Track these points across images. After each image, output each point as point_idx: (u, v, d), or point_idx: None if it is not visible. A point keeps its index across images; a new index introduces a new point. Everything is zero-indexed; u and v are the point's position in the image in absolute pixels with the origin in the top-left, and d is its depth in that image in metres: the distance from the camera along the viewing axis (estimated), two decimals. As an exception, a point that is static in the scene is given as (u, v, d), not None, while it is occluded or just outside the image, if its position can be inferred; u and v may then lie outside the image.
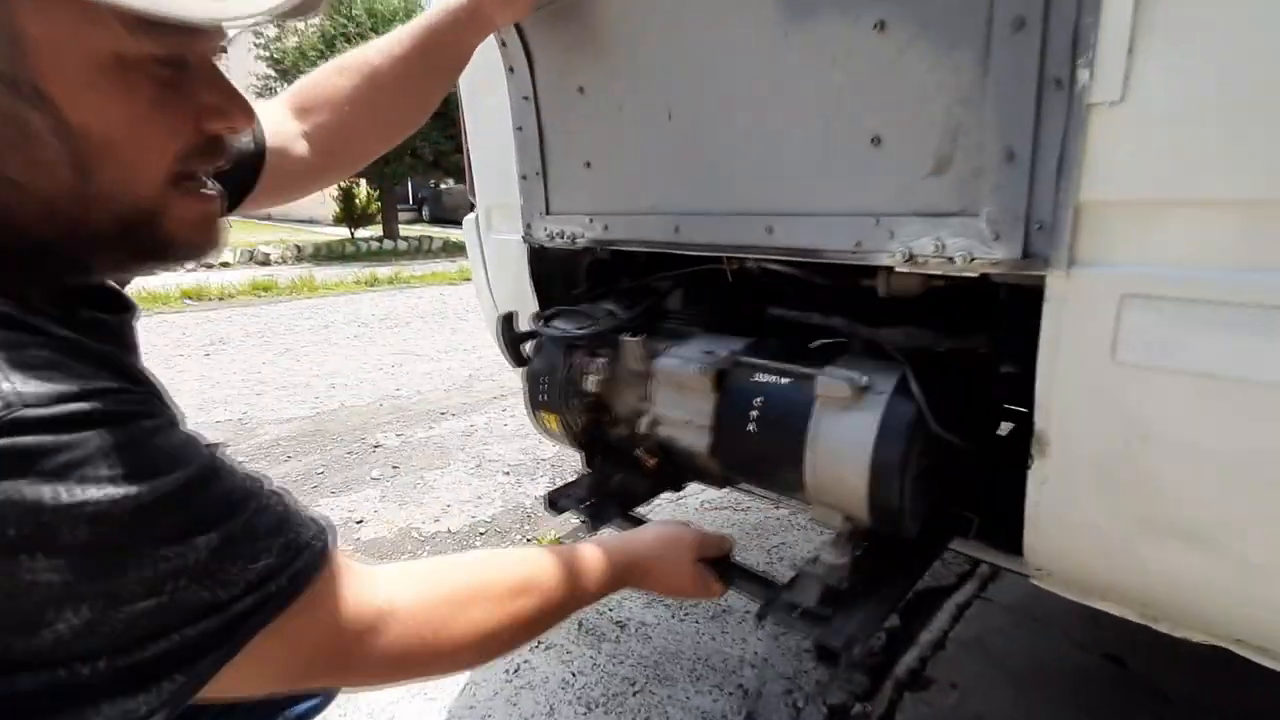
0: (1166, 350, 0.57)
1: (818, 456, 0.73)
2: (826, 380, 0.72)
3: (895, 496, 0.70)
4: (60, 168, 0.44)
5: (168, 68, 0.47)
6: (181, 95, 0.48)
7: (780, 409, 0.77)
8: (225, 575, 0.46)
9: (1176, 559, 0.62)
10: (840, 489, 0.73)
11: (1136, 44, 0.53)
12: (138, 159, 0.47)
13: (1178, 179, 0.54)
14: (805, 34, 0.73)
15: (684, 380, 0.86)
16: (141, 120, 0.46)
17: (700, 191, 0.90)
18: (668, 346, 0.93)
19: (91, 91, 0.44)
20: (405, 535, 2.11)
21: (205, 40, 0.49)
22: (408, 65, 0.86)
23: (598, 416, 0.98)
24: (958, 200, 0.66)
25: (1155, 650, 1.39)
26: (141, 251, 0.51)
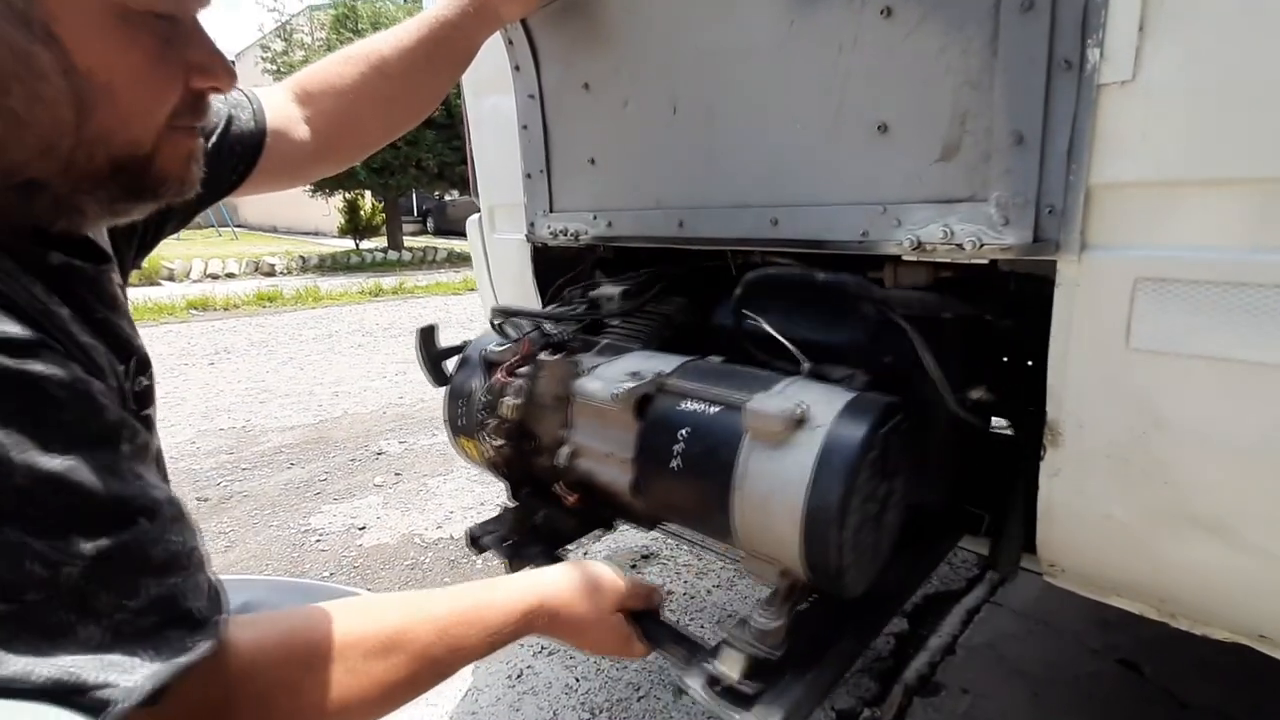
0: (1182, 335, 0.55)
1: (745, 500, 0.62)
2: (755, 410, 0.60)
3: (833, 551, 0.57)
4: (61, 106, 0.46)
5: (166, 24, 0.49)
6: (175, 51, 0.50)
7: (706, 442, 0.65)
8: (94, 603, 0.40)
9: (1195, 551, 0.61)
10: (771, 539, 0.62)
11: (1147, 22, 0.53)
12: (135, 106, 0.49)
13: (1192, 159, 0.53)
14: (811, 22, 0.73)
15: (602, 407, 0.74)
16: (141, 71, 0.48)
17: (705, 185, 0.89)
18: (593, 366, 0.81)
19: (97, 37, 0.46)
20: (408, 541, 2.10)
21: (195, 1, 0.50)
22: (414, 57, 0.86)
23: (520, 444, 0.85)
24: (966, 186, 0.65)
25: (1172, 656, 1.36)
26: (130, 191, 0.52)
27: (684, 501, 0.70)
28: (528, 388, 0.81)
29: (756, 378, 0.69)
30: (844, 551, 0.58)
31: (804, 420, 0.60)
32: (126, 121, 0.49)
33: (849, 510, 0.57)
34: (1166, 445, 0.59)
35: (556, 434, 0.81)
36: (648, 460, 0.71)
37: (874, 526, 0.62)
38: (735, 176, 0.85)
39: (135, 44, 0.47)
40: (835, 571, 0.58)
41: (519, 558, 0.88)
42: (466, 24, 0.88)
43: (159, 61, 0.49)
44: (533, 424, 0.83)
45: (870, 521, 0.61)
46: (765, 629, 0.63)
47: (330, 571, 1.95)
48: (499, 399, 0.82)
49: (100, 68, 0.46)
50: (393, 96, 0.88)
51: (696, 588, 1.67)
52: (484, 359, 0.87)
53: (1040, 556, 0.75)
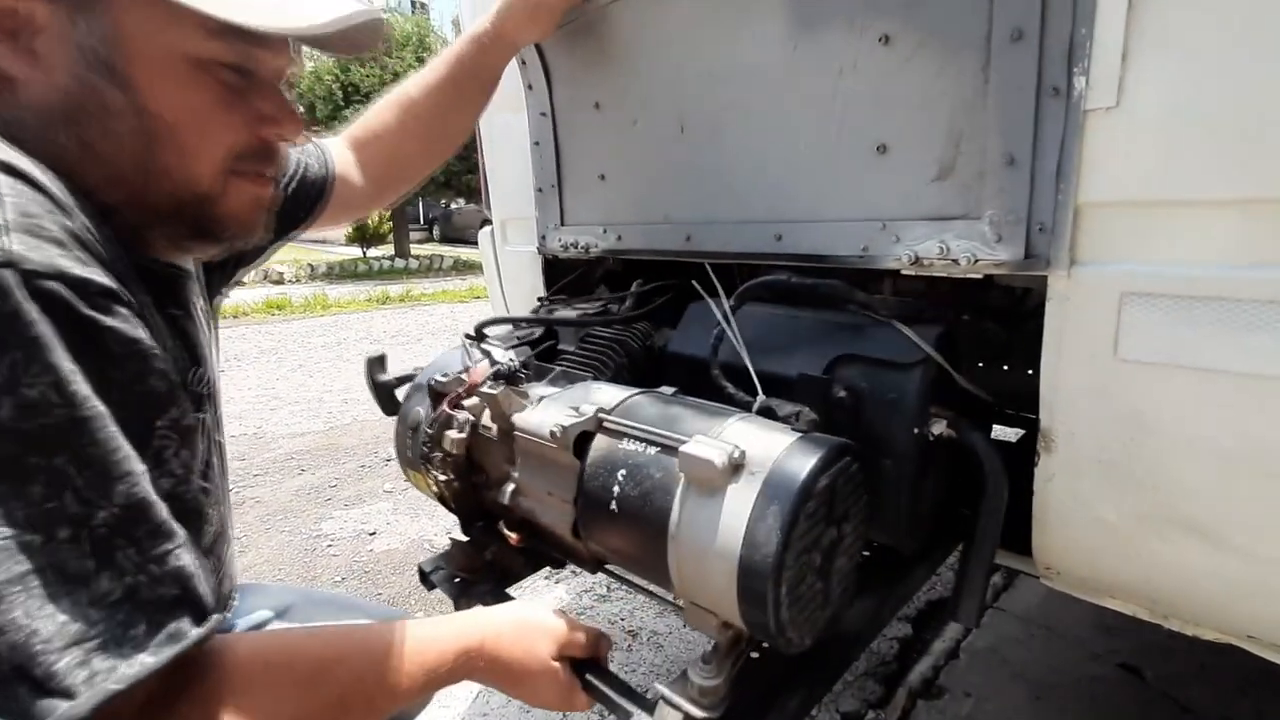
0: (1167, 346, 0.58)
1: (681, 550, 0.58)
2: (689, 454, 0.56)
3: (770, 608, 0.53)
4: (129, 140, 0.51)
5: (235, 75, 0.54)
6: (243, 101, 0.55)
7: (643, 486, 0.61)
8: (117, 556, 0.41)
9: (1183, 553, 0.63)
10: (708, 593, 0.58)
11: (1129, 52, 0.56)
12: (195, 147, 0.53)
13: (1173, 180, 0.56)
14: (813, 47, 0.76)
15: (542, 444, 0.70)
16: (203, 114, 0.53)
17: (711, 201, 0.92)
18: (541, 396, 0.77)
19: (166, 82, 0.51)
20: (417, 546, 2.13)
21: (270, 57, 0.55)
22: (441, 93, 0.95)
23: (468, 478, 0.81)
24: (961, 204, 0.68)
25: (1174, 661, 1.37)
26: (194, 229, 0.57)
27: (623, 546, 0.66)
28: (473, 421, 0.78)
29: (701, 414, 0.66)
30: (782, 608, 0.53)
31: (741, 465, 0.56)
32: (186, 159, 0.53)
33: (785, 565, 0.53)
34: (1153, 451, 0.61)
35: (502, 469, 0.77)
36: (587, 501, 0.66)
37: (820, 577, 0.58)
38: (740, 193, 0.89)
39: (200, 89, 0.52)
40: (775, 628, 0.54)
41: (467, 595, 0.85)
42: (486, 54, 0.94)
43: (221, 106, 0.54)
44: (479, 457, 0.80)
45: (814, 572, 0.57)
46: (704, 684, 0.59)
47: (342, 577, 1.98)
48: (443, 432, 0.79)
49: (167, 109, 0.51)
50: (428, 133, 0.97)
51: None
52: (430, 389, 0.83)
53: (1036, 560, 0.77)
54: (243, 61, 0.54)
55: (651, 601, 1.74)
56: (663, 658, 1.47)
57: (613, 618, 1.65)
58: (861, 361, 0.74)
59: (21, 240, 0.40)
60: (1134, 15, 0.55)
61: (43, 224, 0.42)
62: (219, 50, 0.52)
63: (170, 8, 0.48)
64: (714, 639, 0.62)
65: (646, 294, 1.03)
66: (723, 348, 0.79)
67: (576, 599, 1.75)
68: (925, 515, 0.79)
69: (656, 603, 1.69)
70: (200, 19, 0.49)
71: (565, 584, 1.84)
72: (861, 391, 0.73)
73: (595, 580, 1.84)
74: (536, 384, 0.82)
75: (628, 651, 1.50)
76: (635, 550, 0.64)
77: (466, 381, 0.81)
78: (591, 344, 0.93)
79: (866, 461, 0.61)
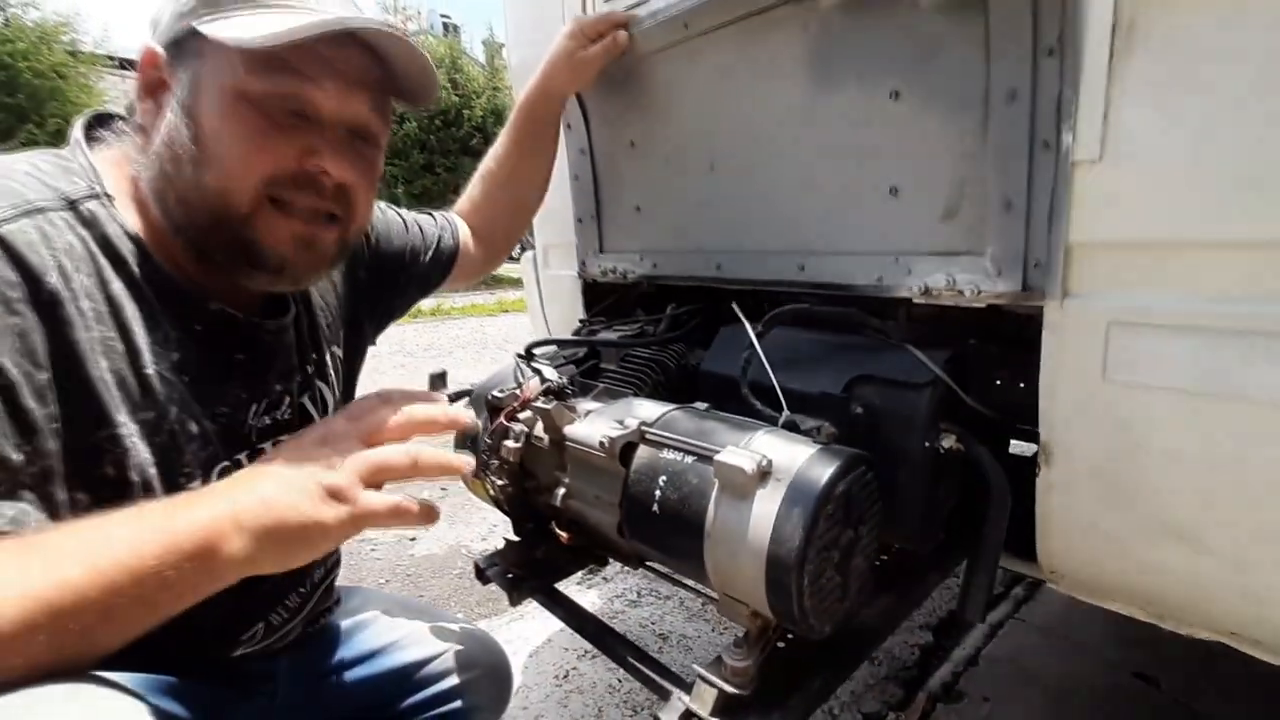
0: (1149, 370, 0.66)
1: (716, 547, 0.66)
2: (723, 462, 0.64)
3: (794, 597, 0.61)
4: (188, 166, 0.61)
5: (285, 111, 0.62)
6: (290, 135, 0.62)
7: (682, 491, 0.69)
8: None
9: (1169, 558, 0.70)
10: (739, 584, 0.66)
11: (1110, 112, 0.64)
12: (233, 168, 0.61)
13: (1151, 223, 0.63)
14: (830, 101, 0.85)
15: (591, 453, 0.78)
16: (243, 140, 0.61)
17: (739, 233, 1.02)
18: (587, 411, 0.85)
19: (217, 115, 0.61)
20: (455, 552, 2.23)
21: (323, 98, 0.63)
22: (511, 159, 1.11)
23: (521, 483, 0.90)
24: (965, 242, 0.76)
25: (1190, 672, 1.41)
26: (235, 249, 0.63)
27: (664, 544, 0.74)
28: (527, 432, 0.87)
29: (732, 427, 0.74)
30: (805, 597, 0.61)
31: (768, 473, 0.64)
32: (225, 179, 0.61)
33: (807, 559, 0.60)
34: (1140, 463, 0.68)
35: (553, 475, 0.86)
36: (631, 505, 0.74)
37: (839, 572, 0.65)
38: (767, 226, 0.98)
39: (243, 119, 0.61)
40: (799, 614, 0.62)
41: (519, 590, 0.94)
42: (538, 110, 1.08)
43: (261, 134, 0.61)
44: (532, 465, 0.89)
45: (833, 567, 0.64)
46: (737, 666, 0.67)
47: (385, 579, 2.09)
48: (501, 442, 0.88)
49: (214, 136, 0.61)
50: (512, 195, 1.15)
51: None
52: (488, 403, 0.94)
53: (1041, 564, 0.84)
54: (288, 100, 0.61)
55: (681, 606, 1.83)
56: (691, 659, 1.55)
57: (644, 621, 1.73)
58: (877, 382, 0.82)
59: None
60: (1113, 79, 0.63)
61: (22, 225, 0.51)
62: (262, 85, 0.60)
63: (225, 52, 0.58)
64: (745, 627, 0.70)
65: (680, 317, 1.12)
66: (751, 368, 0.87)
67: (608, 603, 1.84)
68: (937, 521, 0.86)
69: (686, 606, 1.77)
70: (244, 58, 0.59)
71: (597, 589, 1.92)
72: (877, 408, 0.81)
73: (626, 586, 1.93)
74: (583, 399, 0.91)
75: (658, 653, 1.58)
76: (675, 547, 0.72)
77: (521, 396, 0.90)
78: (631, 363, 1.02)
79: (881, 471, 0.69)
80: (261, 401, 0.71)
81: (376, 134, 0.71)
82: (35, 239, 0.52)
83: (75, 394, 0.53)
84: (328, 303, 0.86)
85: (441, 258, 1.05)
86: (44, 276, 0.52)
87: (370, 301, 0.95)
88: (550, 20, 1.22)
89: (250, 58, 0.59)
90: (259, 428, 0.71)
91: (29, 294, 0.51)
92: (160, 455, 0.59)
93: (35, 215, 0.54)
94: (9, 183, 0.55)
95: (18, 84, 10.41)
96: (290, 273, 0.67)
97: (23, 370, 0.50)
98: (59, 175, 0.59)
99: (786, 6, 0.86)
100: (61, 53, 11.29)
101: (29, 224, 0.53)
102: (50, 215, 0.55)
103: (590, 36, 1.03)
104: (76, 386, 0.53)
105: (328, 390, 0.83)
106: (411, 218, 1.04)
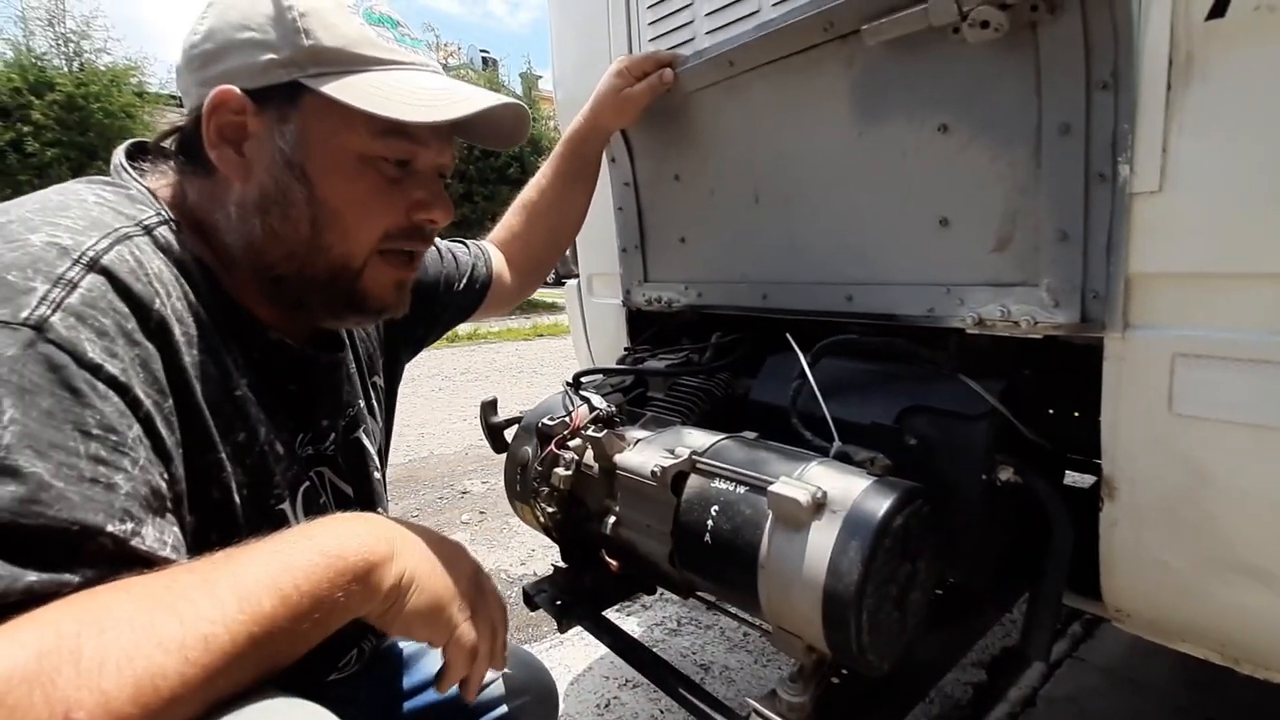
0: (1218, 403, 0.64)
1: (770, 578, 0.65)
2: (778, 493, 0.63)
3: (853, 632, 0.59)
4: (303, 225, 0.62)
5: (395, 167, 0.65)
6: (400, 189, 0.65)
7: (735, 521, 0.69)
8: None
9: (1245, 598, 0.67)
10: (795, 617, 0.64)
11: (1169, 144, 0.63)
12: (354, 228, 0.63)
13: (1214, 254, 0.62)
14: (877, 134, 0.86)
15: (642, 482, 0.78)
16: (364, 201, 0.63)
17: (785, 264, 1.03)
18: (636, 440, 0.86)
19: (336, 176, 0.62)
20: (495, 576, 2.25)
21: (429, 154, 0.66)
22: (553, 190, 1.14)
23: (570, 511, 0.91)
24: (1019, 272, 0.76)
25: (1266, 718, 1.33)
26: (342, 299, 0.66)
27: (716, 575, 0.73)
28: (577, 460, 0.87)
29: (784, 457, 0.73)
30: (864, 632, 0.60)
31: (823, 505, 0.63)
32: (347, 239, 0.64)
33: (866, 594, 0.59)
34: (1211, 499, 0.66)
35: (603, 503, 0.86)
36: (683, 534, 0.74)
37: (896, 607, 0.64)
38: (813, 257, 0.98)
39: (363, 180, 0.63)
40: (857, 650, 0.60)
41: (568, 617, 0.94)
42: (585, 145, 1.12)
43: (381, 195, 0.64)
44: (582, 493, 0.89)
45: (891, 602, 0.63)
46: (793, 702, 0.66)
47: (426, 602, 2.12)
48: (551, 469, 0.89)
49: (335, 198, 0.62)
50: (550, 226, 1.17)
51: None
52: (538, 431, 0.95)
53: (1106, 603, 0.81)
54: (402, 156, 0.64)
55: (722, 636, 1.80)
56: (734, 691, 1.52)
57: (684, 651, 1.71)
58: (931, 412, 0.81)
59: (65, 320, 0.45)
60: (1171, 112, 0.63)
61: (98, 317, 0.47)
62: (382, 148, 0.62)
63: (345, 113, 0.59)
64: (799, 661, 0.69)
65: (726, 345, 1.13)
66: (801, 397, 0.87)
67: (648, 632, 1.82)
68: (994, 555, 0.84)
69: (727, 637, 1.74)
70: (367, 122, 0.60)
71: (636, 617, 1.91)
72: (931, 440, 0.80)
73: (665, 615, 1.91)
74: (631, 427, 0.92)
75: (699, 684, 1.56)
76: (727, 578, 0.72)
77: (570, 425, 0.91)
78: (679, 391, 1.03)
79: (937, 504, 0.68)
80: (308, 433, 0.73)
81: (449, 172, 0.74)
82: (134, 266, 0.52)
83: (186, 419, 0.54)
84: (367, 333, 0.88)
85: (475, 286, 1.07)
86: (151, 304, 0.52)
87: (407, 330, 0.97)
88: (597, 58, 1.26)
89: (374, 123, 0.60)
90: (303, 457, 0.72)
91: (140, 322, 0.51)
92: (251, 476, 0.61)
93: (126, 242, 0.53)
94: (91, 212, 0.54)
95: (90, 124, 11.13)
96: (382, 314, 0.70)
97: (152, 400, 0.50)
98: (125, 202, 0.58)
99: (831, 44, 0.88)
100: (130, 94, 12.05)
101: (124, 251, 0.52)
102: (136, 241, 0.55)
103: (636, 75, 1.07)
104: (186, 412, 0.54)
105: (374, 423, 0.86)
106: (445, 246, 1.06)
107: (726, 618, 1.92)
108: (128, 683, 0.36)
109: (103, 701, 0.35)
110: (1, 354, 0.42)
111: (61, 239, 0.49)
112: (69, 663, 0.35)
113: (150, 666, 0.37)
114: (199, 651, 0.39)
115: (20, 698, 0.33)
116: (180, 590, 0.42)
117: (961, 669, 1.57)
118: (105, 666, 0.36)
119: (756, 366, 1.04)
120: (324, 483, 0.74)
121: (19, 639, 0.35)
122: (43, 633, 0.36)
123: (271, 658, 0.44)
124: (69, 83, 11.17)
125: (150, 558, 0.45)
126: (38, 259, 0.47)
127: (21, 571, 0.39)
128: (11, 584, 0.38)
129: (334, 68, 0.60)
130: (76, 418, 0.44)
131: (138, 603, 0.40)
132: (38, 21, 12.14)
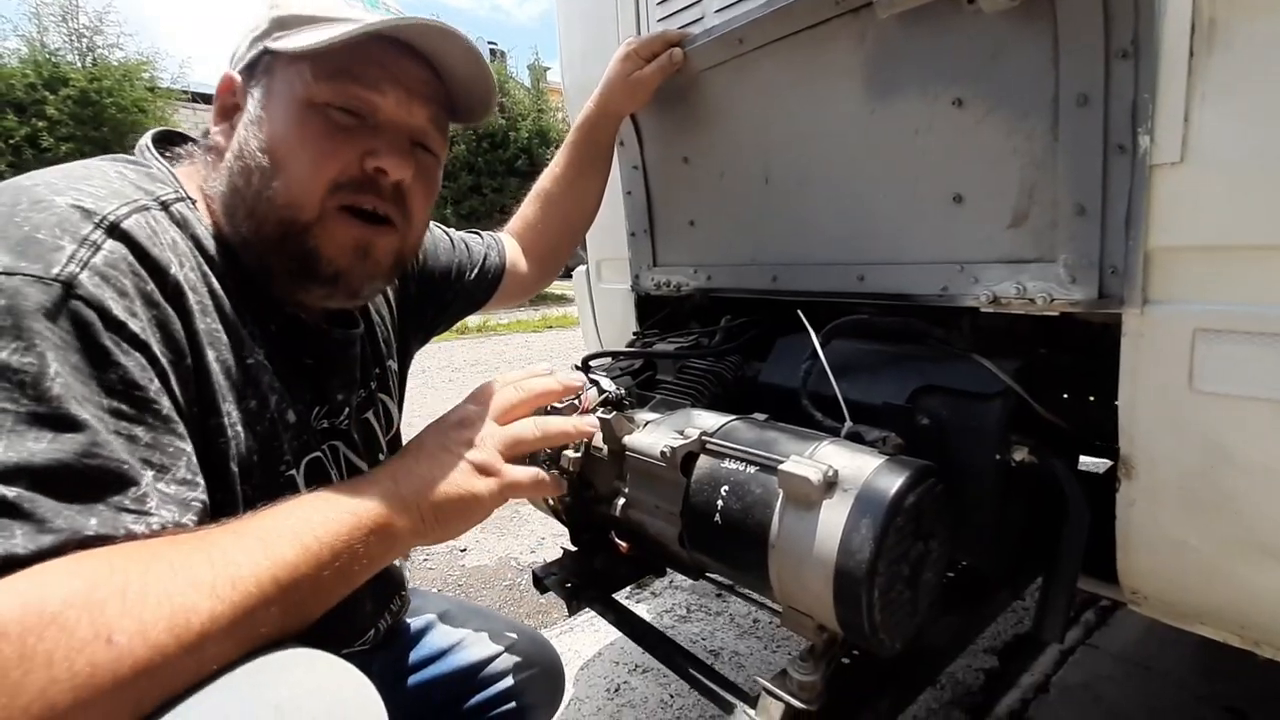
0: (1241, 379, 0.62)
1: (781, 558, 0.64)
2: (789, 472, 0.63)
3: (865, 611, 0.59)
4: (256, 176, 0.62)
5: (349, 116, 0.64)
6: (350, 137, 0.64)
7: (745, 501, 0.68)
8: None
9: (1269, 577, 0.66)
10: (806, 597, 0.64)
11: (1191, 114, 0.62)
12: (299, 174, 0.62)
13: (1237, 226, 0.61)
14: (890, 110, 0.85)
15: (652, 463, 0.77)
16: (310, 146, 0.62)
17: (795, 245, 1.01)
18: (646, 421, 0.85)
19: (284, 123, 0.63)
20: (505, 564, 2.26)
21: (385, 104, 0.65)
22: (566, 179, 1.14)
23: (580, 493, 0.89)
24: (1035, 248, 0.74)
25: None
26: (297, 261, 0.64)
27: (726, 555, 0.73)
28: (586, 442, 0.86)
29: (794, 437, 0.72)
30: (875, 610, 0.59)
31: (834, 483, 0.62)
32: (292, 185, 0.62)
33: (878, 572, 0.58)
34: (1232, 478, 0.65)
35: (612, 485, 0.85)
36: (693, 515, 0.74)
37: (909, 586, 0.63)
38: (824, 238, 0.97)
39: (309, 126, 0.63)
40: (869, 629, 0.60)
41: (578, 599, 0.94)
42: (596, 131, 1.11)
43: (323, 138, 0.63)
44: (591, 475, 0.88)
45: (903, 581, 0.62)
46: (803, 681, 0.65)
47: (437, 589, 2.13)
48: (560, 452, 0.87)
49: (280, 145, 0.63)
50: (566, 214, 1.16)
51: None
52: (547, 414, 0.92)
53: (1122, 585, 0.80)
54: (350, 103, 0.63)
55: (731, 622, 1.80)
56: (743, 677, 1.52)
57: (694, 638, 1.71)
58: (944, 392, 0.80)
59: (92, 278, 0.48)
60: (1194, 80, 0.61)
61: (120, 279, 0.50)
62: (328, 93, 0.62)
63: (296, 64, 0.62)
64: (810, 641, 0.68)
65: (736, 328, 1.12)
66: (811, 378, 0.87)
67: (657, 618, 1.83)
68: (1008, 537, 0.83)
69: (736, 623, 1.74)
70: (312, 67, 0.62)
71: (645, 604, 1.91)
72: (944, 420, 0.79)
73: (675, 601, 1.91)
74: (640, 410, 0.92)
75: (710, 670, 1.56)
76: (738, 558, 0.71)
77: (580, 407, 0.90)
78: (688, 374, 1.02)
79: (950, 484, 0.67)
80: (324, 406, 0.73)
81: (435, 148, 0.72)
82: (151, 233, 0.54)
83: (195, 382, 0.56)
84: (383, 316, 0.89)
85: (487, 275, 1.07)
86: (167, 269, 0.54)
87: (417, 316, 0.98)
88: (605, 43, 1.25)
89: (317, 68, 0.62)
90: (319, 430, 0.72)
91: (158, 286, 0.53)
92: (261, 443, 0.61)
93: (143, 213, 0.55)
94: (113, 183, 0.56)
95: (103, 118, 11.24)
96: (345, 284, 0.67)
97: (169, 359, 0.52)
98: (145, 179, 0.60)
99: (843, 19, 0.86)
100: (142, 89, 12.15)
101: (142, 219, 0.54)
102: (153, 213, 0.57)
103: (645, 57, 1.06)
104: (197, 375, 0.56)
105: (390, 401, 0.86)
106: (458, 236, 1.07)
107: (736, 605, 1.93)
108: (164, 615, 0.41)
109: (141, 629, 0.40)
110: (37, 307, 0.45)
111: (85, 203, 0.51)
112: (117, 595, 0.40)
113: (185, 602, 0.42)
114: (227, 590, 0.44)
115: (70, 619, 0.38)
116: (213, 539, 0.47)
117: (973, 654, 1.56)
118: (146, 600, 0.41)
119: (766, 349, 1.03)
120: (338, 456, 0.75)
121: (79, 570, 0.41)
122: (98, 567, 0.41)
123: (298, 606, 0.49)
124: (82, 78, 11.28)
125: (170, 499, 0.49)
126: (64, 219, 0.49)
127: (89, 511, 0.44)
128: (81, 526, 0.43)
129: (293, 30, 0.64)
130: (102, 373, 0.47)
131: (177, 549, 0.45)
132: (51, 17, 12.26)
